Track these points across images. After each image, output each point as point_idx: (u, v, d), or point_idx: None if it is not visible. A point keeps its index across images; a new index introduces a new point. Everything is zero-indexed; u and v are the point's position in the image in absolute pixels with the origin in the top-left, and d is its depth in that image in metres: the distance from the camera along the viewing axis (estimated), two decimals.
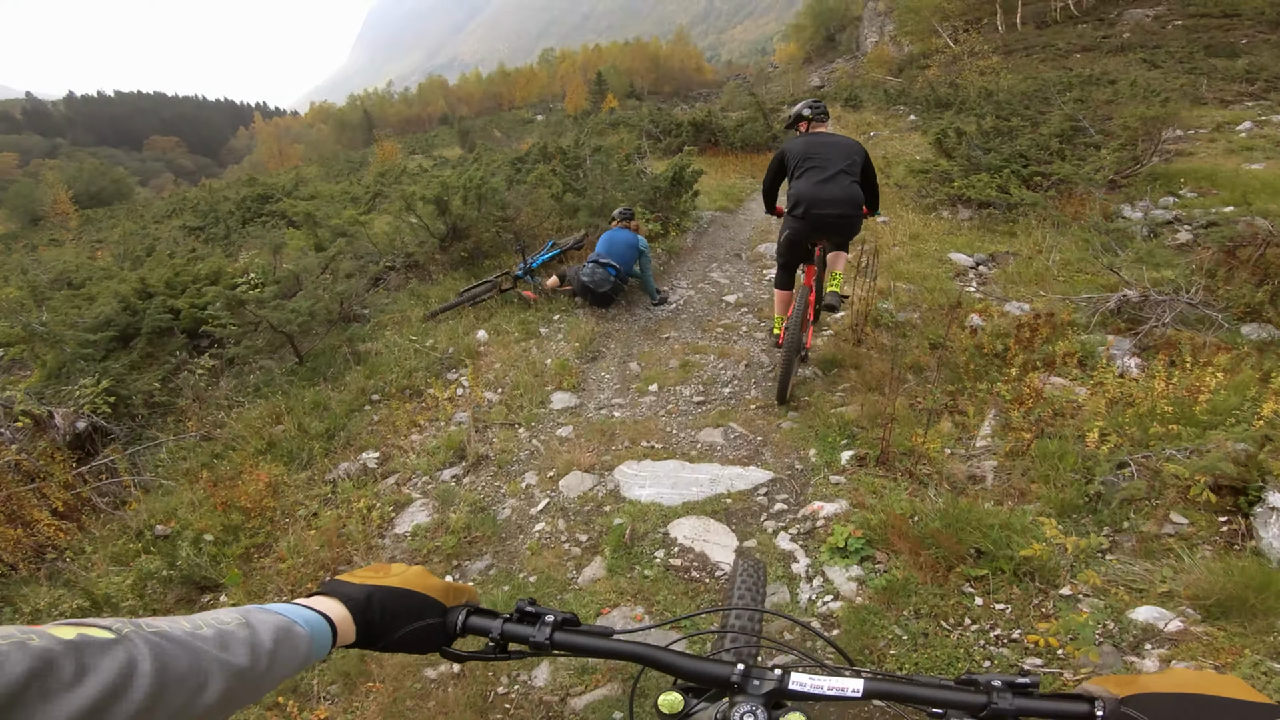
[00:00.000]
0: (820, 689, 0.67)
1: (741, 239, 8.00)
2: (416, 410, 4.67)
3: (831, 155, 3.76)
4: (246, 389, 5.28)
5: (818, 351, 4.76)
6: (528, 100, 68.42)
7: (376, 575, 0.71)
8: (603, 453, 3.86)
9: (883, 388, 4.14)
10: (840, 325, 5.13)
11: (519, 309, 5.88)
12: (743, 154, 14.12)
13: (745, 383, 4.50)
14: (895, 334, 4.84)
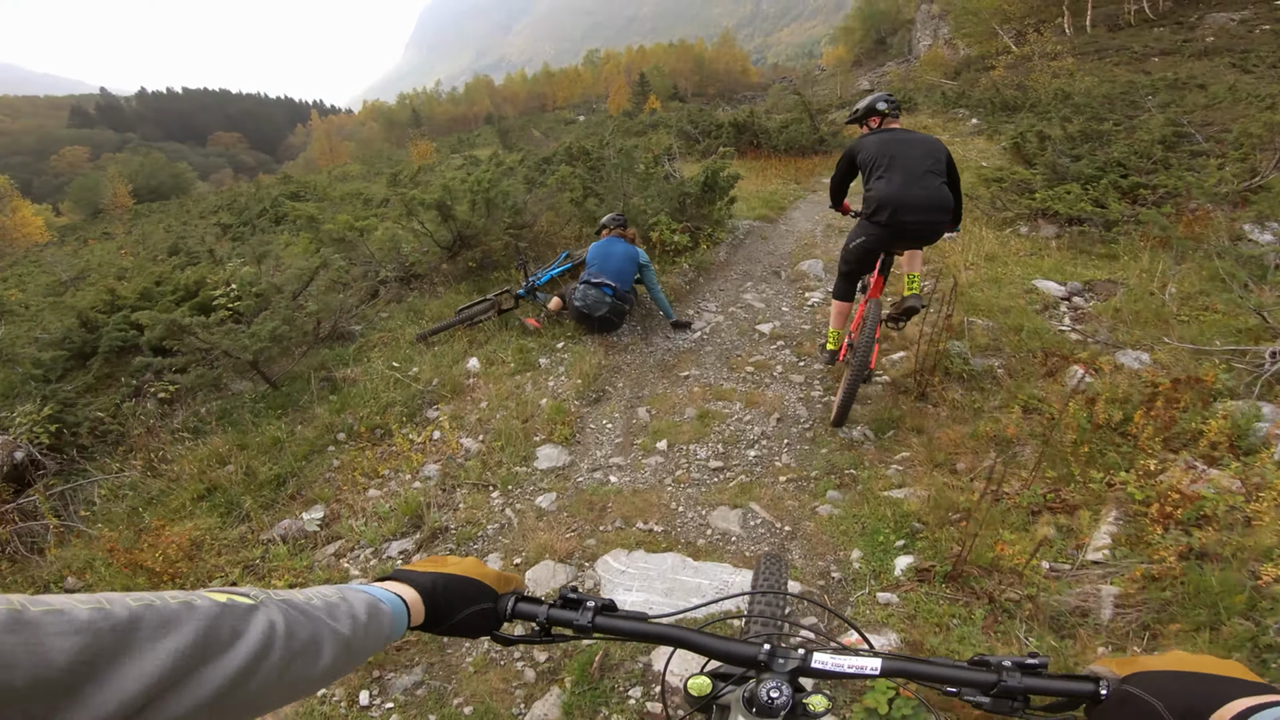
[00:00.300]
0: (841, 667, 0.72)
1: (782, 253, 7.07)
2: (383, 457, 3.95)
3: (914, 154, 3.38)
4: (210, 417, 4.66)
5: (869, 405, 3.84)
6: (570, 101, 68.46)
7: (436, 565, 0.78)
8: (587, 534, 3.04)
9: (954, 464, 3.20)
10: (898, 370, 4.17)
11: (519, 334, 5.11)
12: (786, 158, 13.12)
13: (775, 444, 3.61)
14: (970, 387, 3.86)
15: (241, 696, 0.45)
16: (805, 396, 4.04)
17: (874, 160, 3.41)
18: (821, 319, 5.09)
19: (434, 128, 72.17)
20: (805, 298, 5.58)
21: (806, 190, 10.70)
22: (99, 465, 4.28)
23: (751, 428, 3.76)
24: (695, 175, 6.66)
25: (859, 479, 3.23)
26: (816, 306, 5.36)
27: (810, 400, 4.00)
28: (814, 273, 6.21)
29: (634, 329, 5.10)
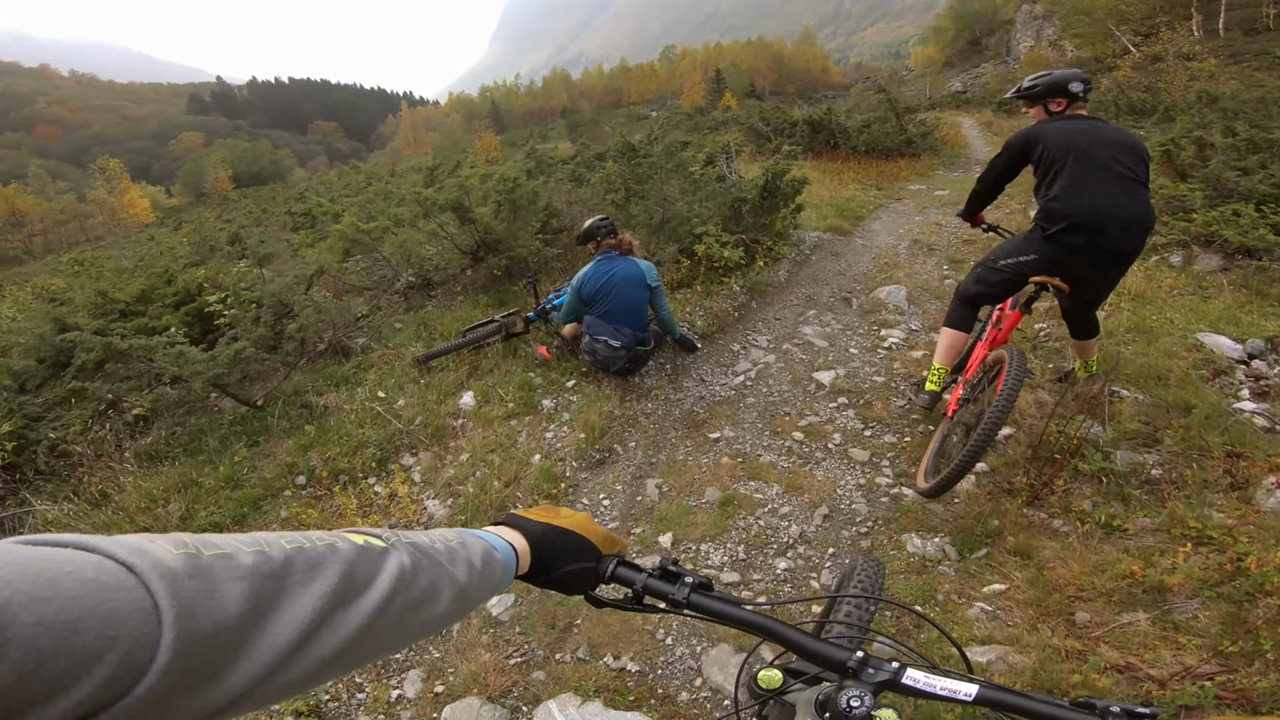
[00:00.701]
0: (933, 688, 0.69)
1: (855, 274, 5.96)
2: (335, 513, 3.26)
3: (1115, 154, 2.63)
4: (181, 440, 4.16)
5: (954, 504, 2.81)
6: (644, 96, 67.90)
7: (548, 515, 0.77)
8: (537, 663, 2.24)
9: (1073, 613, 2.18)
10: (1001, 456, 3.08)
11: (527, 363, 4.33)
12: (867, 160, 11.79)
13: (817, 553, 2.66)
14: (1109, 494, 2.74)
15: (370, 639, 0.45)
16: (867, 484, 3.02)
17: (1059, 157, 2.68)
18: (901, 368, 4.02)
19: (512, 120, 73.50)
20: (881, 337, 4.50)
21: (889, 198, 9.41)
22: (53, 489, 3.84)
23: (788, 525, 2.80)
24: (755, 178, 5.67)
25: (923, 625, 2.23)
26: (894, 351, 4.28)
27: (873, 490, 2.98)
28: (894, 302, 5.09)
29: (661, 368, 4.20)
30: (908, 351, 4.22)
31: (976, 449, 2.47)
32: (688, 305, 4.75)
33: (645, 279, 3.72)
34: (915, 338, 4.45)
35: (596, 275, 3.73)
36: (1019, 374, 2.52)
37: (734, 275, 5.29)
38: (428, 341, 5.05)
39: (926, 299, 5.17)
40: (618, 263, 3.74)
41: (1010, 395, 2.47)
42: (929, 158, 12.63)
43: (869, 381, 3.88)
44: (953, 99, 29.87)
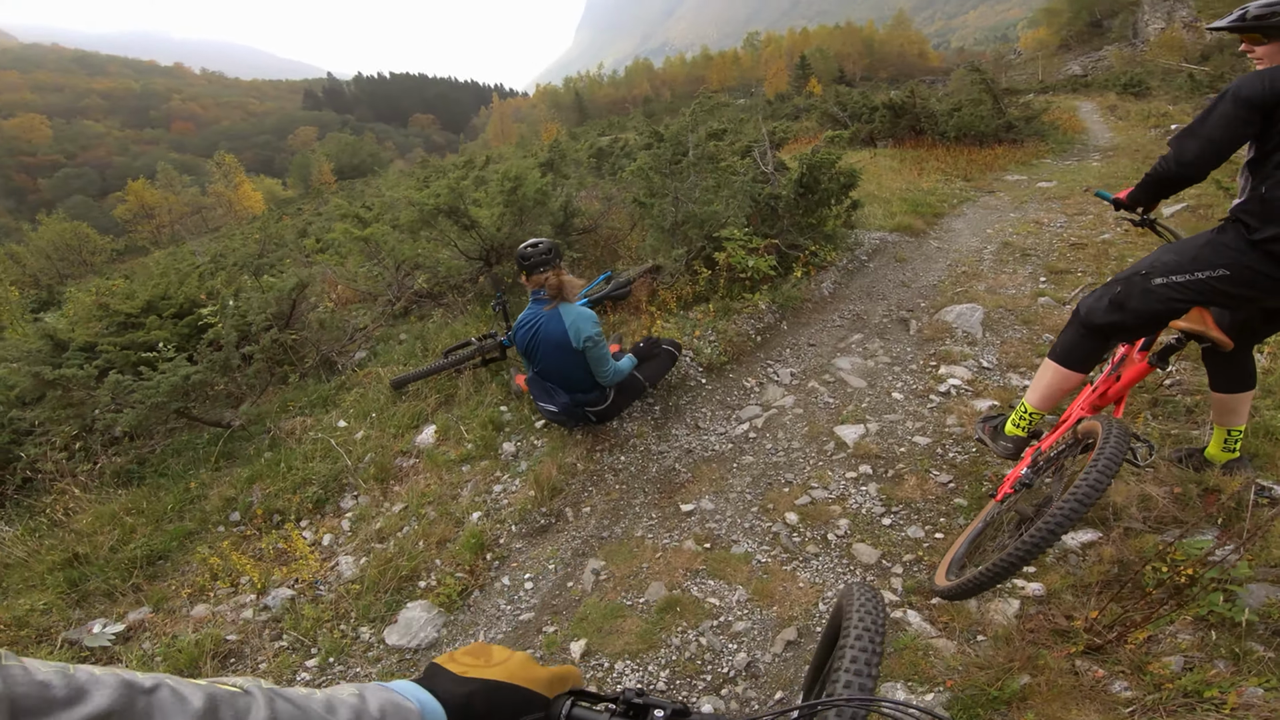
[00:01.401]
0: None
1: (921, 286, 4.94)
2: (255, 558, 2.84)
3: None
4: (154, 460, 3.93)
5: (971, 651, 1.94)
6: (726, 84, 65.95)
7: (477, 662, 0.67)
8: None
9: None
10: (1068, 578, 2.14)
11: (503, 393, 3.75)
12: (956, 147, 10.33)
13: (760, 696, 1.91)
14: (1214, 649, 1.79)
15: None
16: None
17: None
18: (956, 424, 3.08)
19: (595, 110, 73.72)
20: (938, 377, 3.54)
21: (979, 190, 8.07)
22: (13, 511, 3.69)
23: (736, 650, 2.05)
24: (791, 174, 4.76)
25: None
26: (952, 398, 3.33)
27: None
28: (965, 327, 4.08)
29: (649, 409, 3.47)
30: (970, 400, 3.26)
31: (1025, 551, 1.67)
32: (696, 329, 3.99)
33: (569, 340, 2.92)
34: (984, 380, 3.46)
35: (524, 325, 3.04)
36: (1114, 457, 1.68)
37: (762, 290, 4.46)
38: (419, 359, 4.60)
39: (1009, 324, 4.11)
40: (541, 317, 2.98)
41: (1095, 486, 1.66)
42: (1034, 144, 10.94)
43: (907, 443, 2.98)
44: (1069, 82, 26.79)
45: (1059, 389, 2.25)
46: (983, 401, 3.23)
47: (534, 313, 3.00)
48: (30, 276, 24.11)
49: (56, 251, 26.82)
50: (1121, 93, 18.99)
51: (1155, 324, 2.04)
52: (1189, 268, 1.93)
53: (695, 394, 3.58)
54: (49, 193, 75.09)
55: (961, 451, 2.89)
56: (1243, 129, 1.84)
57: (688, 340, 3.88)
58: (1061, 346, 2.24)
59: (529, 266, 2.93)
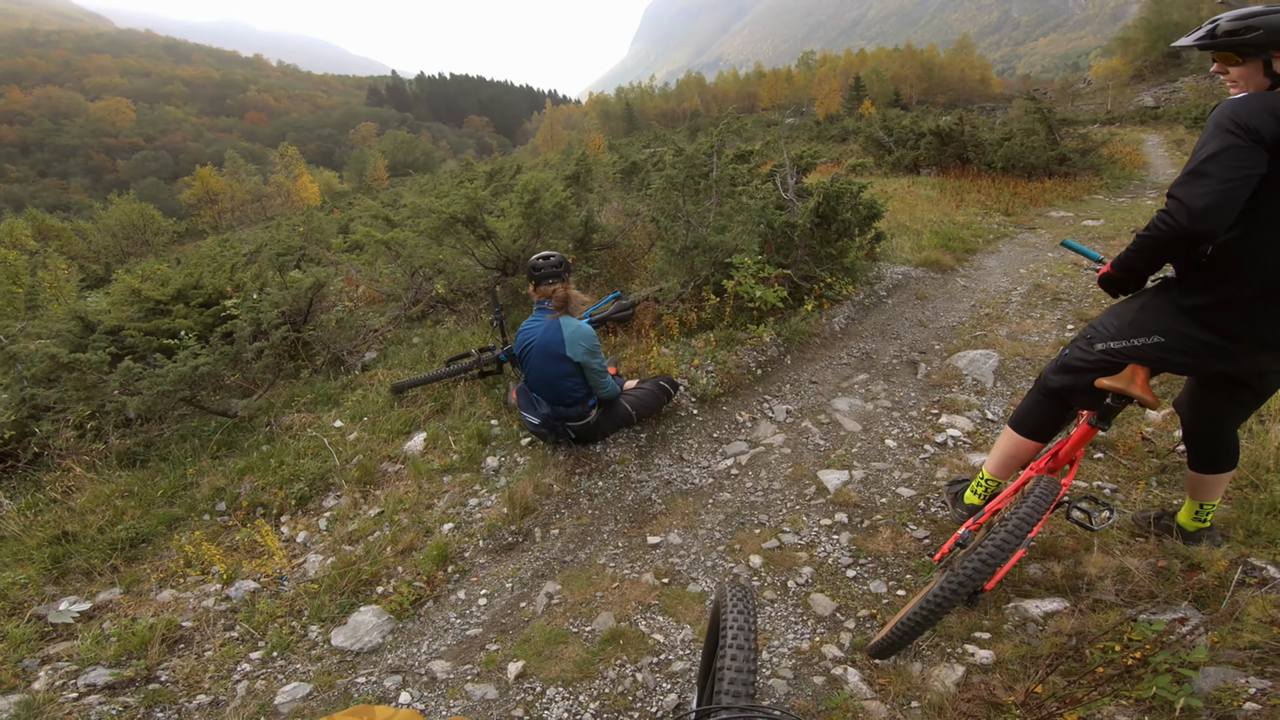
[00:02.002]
0: None
1: (940, 327, 4.78)
2: (232, 548, 2.93)
3: None
4: (165, 442, 4.10)
5: (905, 717, 1.84)
6: (777, 102, 65.65)
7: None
8: None
9: None
10: (1021, 646, 2.01)
11: (496, 406, 3.78)
12: (1002, 179, 10.01)
13: None
14: None
15: None
16: (809, 651, 2.09)
17: None
18: (946, 478, 2.96)
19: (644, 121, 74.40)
20: (938, 425, 3.41)
21: (1019, 226, 7.79)
22: (17, 483, 3.88)
23: (670, 690, 2.00)
24: (810, 200, 4.67)
25: None
26: (947, 450, 3.20)
27: (812, 661, 2.05)
28: (975, 375, 3.92)
29: (634, 436, 3.43)
30: (966, 454, 3.12)
31: (930, 607, 1.68)
32: (695, 357, 3.94)
33: (565, 350, 2.96)
34: (986, 433, 3.31)
35: (523, 332, 3.12)
36: (1027, 516, 1.69)
37: (769, 321, 4.38)
38: (425, 365, 4.68)
39: (1024, 373, 3.93)
40: (541, 324, 3.05)
41: (1009, 538, 1.66)
42: (1087, 178, 10.52)
43: (890, 494, 2.87)
44: (1139, 114, 25.83)
45: (1015, 456, 2.18)
46: (978, 455, 3.09)
47: (534, 323, 3.08)
48: (95, 253, 25.60)
49: (122, 230, 28.43)
50: (1191, 126, 18.18)
51: (1097, 396, 1.93)
52: (1126, 333, 1.84)
53: (685, 424, 3.53)
54: (125, 173, 79.80)
55: (944, 508, 2.77)
56: (1256, 168, 1.53)
57: (684, 370, 3.84)
58: (1019, 411, 2.17)
59: (539, 277, 3.06)
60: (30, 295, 5.92)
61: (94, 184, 77.72)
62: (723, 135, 5.47)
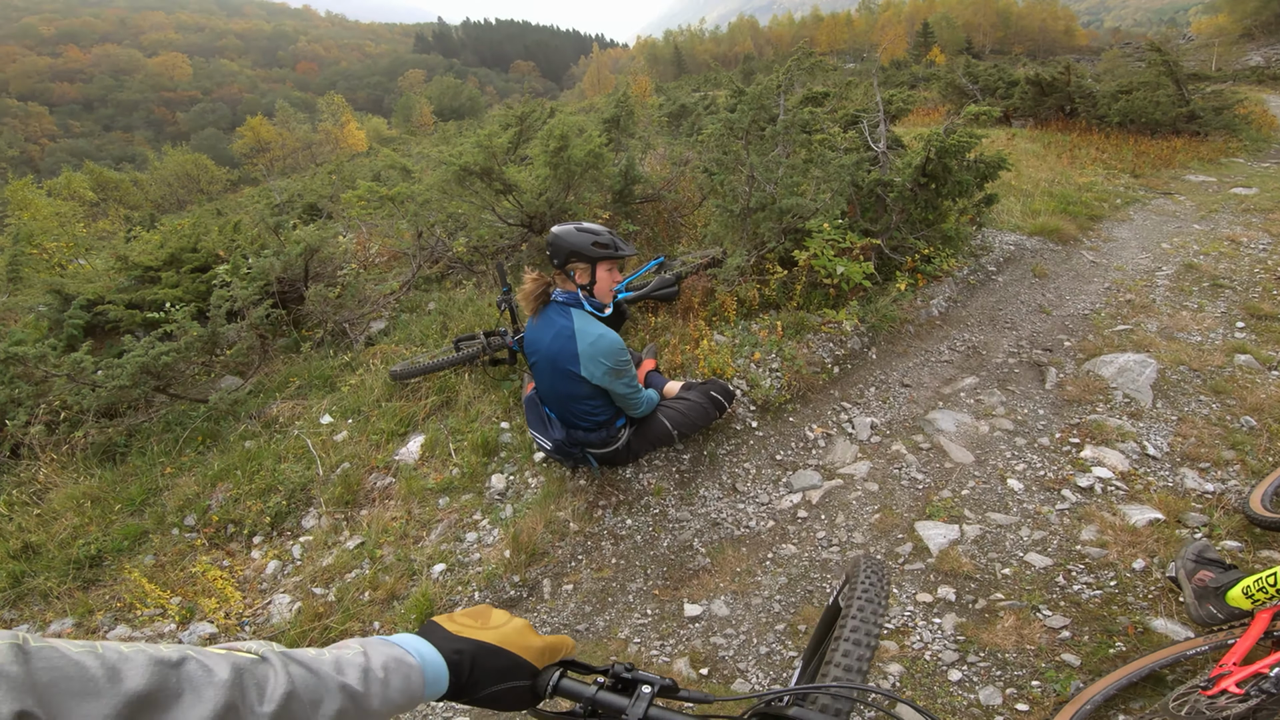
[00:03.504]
0: None
1: (1067, 316, 3.83)
2: (186, 582, 2.40)
3: None
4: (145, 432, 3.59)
5: None
6: (835, 47, 61.20)
7: (474, 624, 0.69)
8: None
9: None
10: None
11: (507, 404, 3.10)
12: (1118, 135, 8.52)
13: None
14: None
15: None
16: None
17: None
18: (1095, 542, 2.12)
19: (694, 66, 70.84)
20: (1080, 461, 2.54)
21: (1151, 191, 6.50)
22: (15, 475, 3.44)
23: None
24: (912, 154, 3.70)
25: None
26: (1095, 500, 2.34)
27: None
28: (1128, 389, 2.99)
29: (675, 458, 2.69)
30: (1122, 507, 2.27)
31: None
32: (757, 349, 3.14)
33: (578, 368, 2.23)
34: (1146, 474, 2.44)
35: (531, 332, 2.39)
36: None
37: (850, 303, 3.51)
38: (436, 340, 4.03)
39: (1191, 390, 2.98)
40: (551, 326, 2.29)
41: None
42: (1221, 139, 8.88)
43: (1015, 561, 2.06)
44: (1251, 73, 22.52)
45: None
46: (1141, 513, 2.23)
47: (547, 322, 2.34)
48: (152, 202, 26.10)
49: (177, 180, 28.88)
50: None
51: None
52: None
53: (741, 441, 2.77)
54: (185, 125, 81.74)
55: (1093, 585, 1.97)
56: None
57: (742, 366, 3.05)
58: None
59: (565, 254, 2.29)
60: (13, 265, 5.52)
61: (156, 136, 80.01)
62: (791, 73, 4.48)
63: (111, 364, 3.03)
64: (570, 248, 2.27)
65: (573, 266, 2.30)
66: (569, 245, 2.27)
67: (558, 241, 2.29)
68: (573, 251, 2.27)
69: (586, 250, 2.26)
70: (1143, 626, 1.78)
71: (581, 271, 2.30)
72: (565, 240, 2.28)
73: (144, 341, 3.11)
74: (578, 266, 2.30)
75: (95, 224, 19.87)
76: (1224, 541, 2.06)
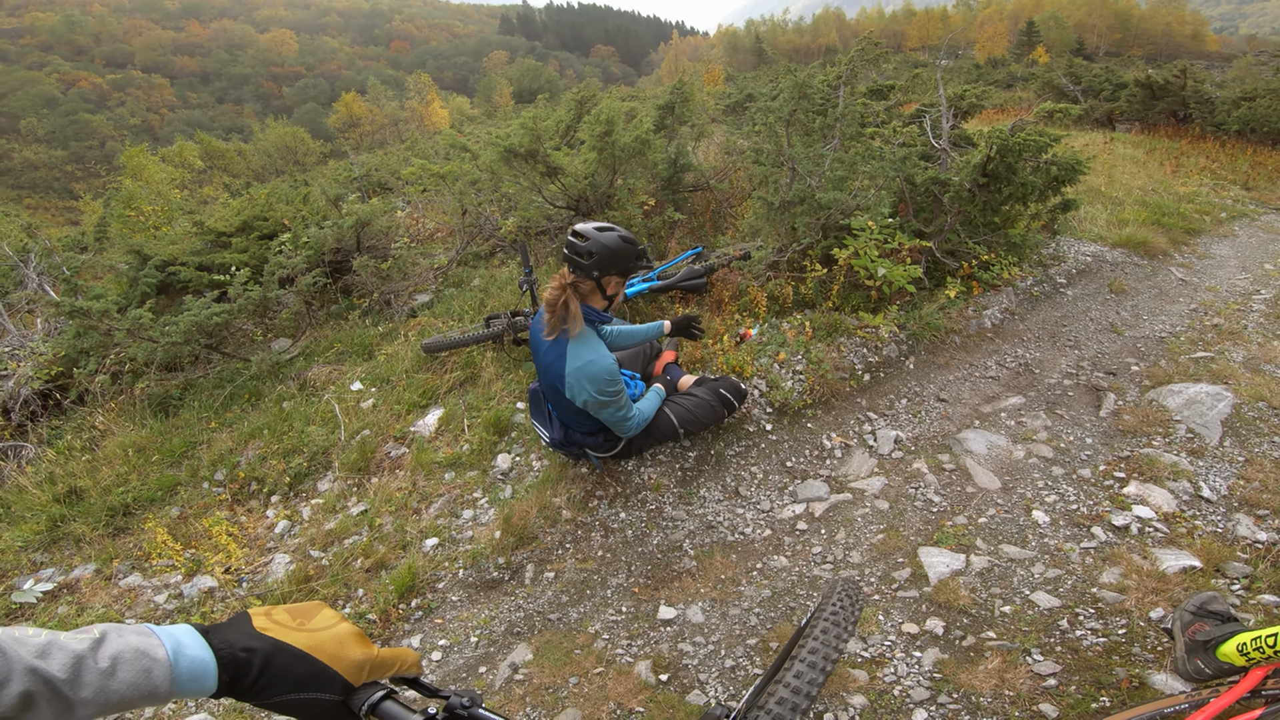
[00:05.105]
0: None
1: (1140, 338, 3.48)
2: (200, 536, 2.57)
3: None
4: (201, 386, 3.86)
5: None
6: (928, 43, 57.86)
7: (290, 623, 0.64)
8: None
9: None
10: None
11: (523, 384, 3.13)
12: (1235, 145, 7.64)
13: None
14: None
15: None
16: None
17: None
18: (1113, 587, 1.91)
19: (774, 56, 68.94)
20: (1120, 499, 2.30)
21: (1263, 206, 5.84)
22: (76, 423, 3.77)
23: None
24: (972, 153, 3.43)
25: None
26: (1126, 541, 2.11)
27: None
28: (1194, 423, 2.68)
29: (679, 457, 2.62)
30: (1156, 550, 2.04)
31: None
32: (783, 349, 3.02)
33: (563, 388, 2.05)
34: (1193, 518, 2.19)
35: (537, 325, 2.17)
36: None
37: (891, 308, 3.31)
38: (475, 314, 4.12)
39: (1269, 428, 2.65)
40: (562, 345, 2.05)
41: None
42: None
43: (1019, 598, 1.89)
44: None
45: None
46: (1176, 558, 1.99)
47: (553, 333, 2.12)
48: (252, 171, 28.08)
49: (277, 151, 30.93)
50: None
51: None
52: None
53: (752, 443, 2.67)
54: (289, 99, 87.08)
55: (1099, 631, 1.78)
56: None
57: (765, 365, 2.94)
58: None
59: (586, 264, 1.98)
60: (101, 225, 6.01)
61: (263, 109, 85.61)
62: (854, 64, 4.23)
63: (168, 321, 3.25)
64: (613, 256, 1.96)
65: (609, 279, 2.03)
66: (612, 253, 1.96)
67: (601, 249, 1.96)
68: (614, 261, 1.97)
69: (630, 264, 2.02)
70: (1139, 680, 1.61)
71: (615, 284, 2.05)
72: (609, 248, 1.96)
73: (200, 302, 3.33)
74: (614, 279, 2.04)
75: (200, 190, 21.61)
76: (1262, 596, 1.82)
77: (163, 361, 3.65)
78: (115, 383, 3.68)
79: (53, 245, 5.82)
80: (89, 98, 71.00)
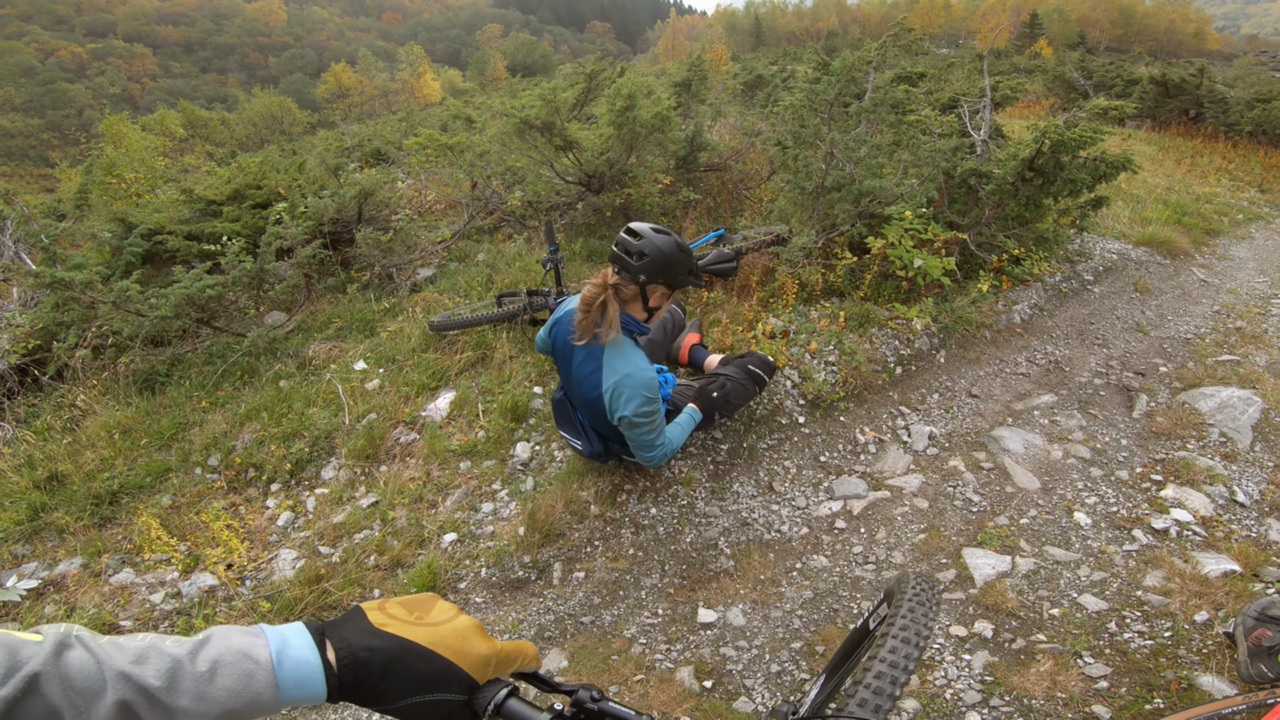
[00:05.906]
0: None
1: (1166, 338, 3.42)
2: (194, 528, 2.41)
3: None
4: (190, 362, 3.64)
5: None
6: (929, 31, 57.48)
7: (407, 616, 0.58)
8: None
9: None
10: None
11: (540, 369, 2.98)
12: (1249, 146, 7.61)
13: None
14: None
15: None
16: None
17: None
18: (1157, 589, 1.84)
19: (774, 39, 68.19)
20: (1158, 502, 2.24)
21: (1278, 209, 5.77)
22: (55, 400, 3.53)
23: None
24: (1017, 145, 3.31)
25: None
26: (1168, 545, 2.05)
27: None
28: (1226, 427, 2.62)
29: (710, 449, 2.50)
30: (1197, 554, 1.98)
31: None
32: (813, 339, 2.90)
33: (610, 404, 1.86)
34: (1228, 522, 2.13)
35: (562, 322, 1.99)
36: None
37: (924, 300, 3.20)
38: (480, 292, 3.95)
39: None
40: (597, 355, 1.88)
41: None
42: None
43: (1067, 601, 1.83)
44: None
45: None
46: (1217, 563, 1.93)
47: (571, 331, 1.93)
48: (236, 140, 27.24)
49: (262, 120, 30.01)
50: None
51: None
52: None
53: (784, 436, 2.56)
54: (275, 70, 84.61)
55: (1146, 634, 1.73)
56: None
57: (797, 353, 2.83)
58: None
59: (627, 261, 1.79)
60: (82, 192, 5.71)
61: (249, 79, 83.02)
62: (885, 50, 4.08)
63: (157, 293, 3.05)
64: (665, 263, 1.77)
65: (656, 287, 1.85)
66: (666, 259, 1.77)
67: (655, 251, 1.76)
68: (665, 268, 1.78)
69: (681, 276, 1.82)
70: (1187, 682, 1.56)
71: (660, 295, 1.87)
72: (664, 252, 1.76)
73: (191, 273, 3.13)
74: (661, 288, 1.86)
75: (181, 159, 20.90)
76: None
77: (148, 336, 3.44)
78: (97, 358, 3.47)
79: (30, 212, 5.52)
80: (68, 67, 68.49)
